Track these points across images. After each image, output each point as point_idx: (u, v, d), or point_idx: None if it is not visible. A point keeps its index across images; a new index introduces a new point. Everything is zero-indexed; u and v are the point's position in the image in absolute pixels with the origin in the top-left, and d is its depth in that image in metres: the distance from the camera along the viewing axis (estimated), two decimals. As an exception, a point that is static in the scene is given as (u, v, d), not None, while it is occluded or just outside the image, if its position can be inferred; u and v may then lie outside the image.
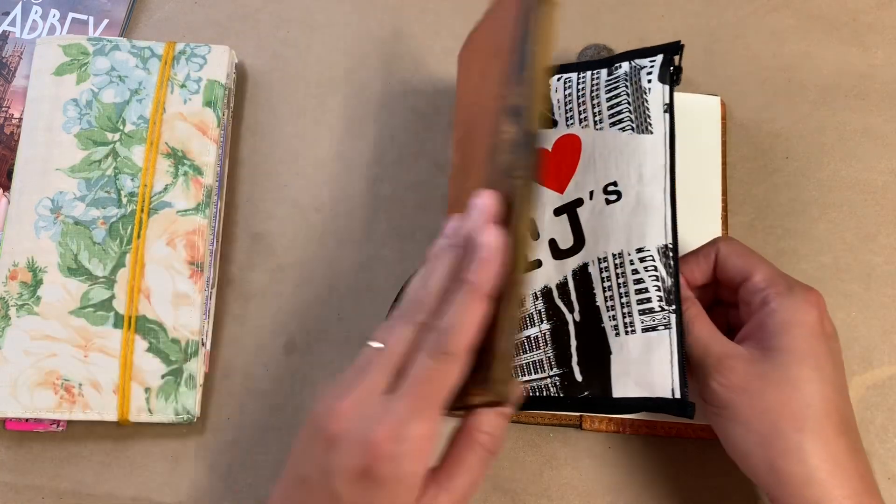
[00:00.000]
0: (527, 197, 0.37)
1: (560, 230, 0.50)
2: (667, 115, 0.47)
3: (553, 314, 0.49)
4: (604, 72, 0.51)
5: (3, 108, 0.58)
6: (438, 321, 0.36)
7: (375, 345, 0.37)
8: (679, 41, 0.49)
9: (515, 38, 0.40)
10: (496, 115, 0.41)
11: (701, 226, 0.52)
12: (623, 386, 0.45)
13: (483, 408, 0.38)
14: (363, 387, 0.35)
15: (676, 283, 0.45)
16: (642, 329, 0.45)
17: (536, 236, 0.51)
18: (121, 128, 0.55)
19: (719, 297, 0.49)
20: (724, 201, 0.54)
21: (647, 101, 0.48)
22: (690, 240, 0.51)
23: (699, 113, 0.54)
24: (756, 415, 0.41)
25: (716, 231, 0.53)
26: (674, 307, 0.44)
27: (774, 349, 0.42)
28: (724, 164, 0.54)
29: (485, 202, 0.37)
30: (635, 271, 0.46)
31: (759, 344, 0.42)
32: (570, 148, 0.52)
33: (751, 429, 0.41)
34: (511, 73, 0.40)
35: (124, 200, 0.53)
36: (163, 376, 0.51)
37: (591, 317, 0.48)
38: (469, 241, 0.36)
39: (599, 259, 0.48)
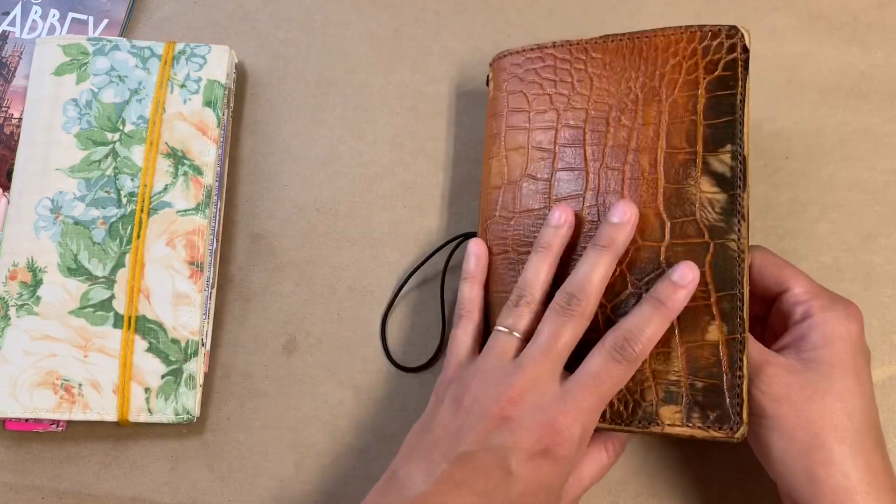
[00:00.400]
0: (742, 264, 0.43)
1: None
2: None
3: None
4: None
5: (3, 108, 0.58)
6: (622, 323, 0.42)
7: (513, 333, 0.44)
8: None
9: (713, 99, 0.46)
10: (679, 166, 0.45)
11: None
12: None
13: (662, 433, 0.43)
14: (529, 375, 0.42)
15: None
16: None
17: None
18: (120, 128, 0.55)
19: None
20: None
21: None
22: None
23: None
24: (799, 424, 0.41)
25: None
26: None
27: (818, 361, 0.42)
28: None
29: (689, 274, 0.42)
30: None
31: (801, 355, 0.43)
32: None
33: (793, 438, 0.41)
34: (711, 136, 0.45)
35: (124, 200, 0.53)
36: (163, 376, 0.51)
37: None
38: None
39: None
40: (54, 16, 0.61)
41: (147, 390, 0.50)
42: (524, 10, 0.62)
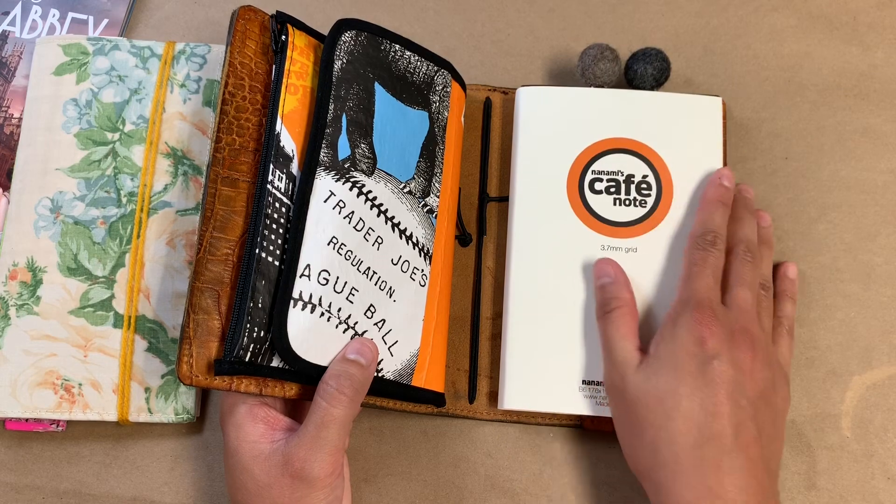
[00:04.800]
0: None
1: None
2: None
3: None
4: None
5: (3, 108, 0.58)
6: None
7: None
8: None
9: None
10: None
11: None
12: None
13: None
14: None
15: None
16: None
17: None
18: (120, 127, 0.55)
19: None
20: None
21: None
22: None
23: (700, 114, 0.54)
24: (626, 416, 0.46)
25: None
26: None
27: (654, 356, 0.45)
28: (724, 165, 0.54)
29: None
30: None
31: (649, 349, 0.46)
32: None
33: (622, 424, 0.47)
34: None
35: (124, 200, 0.53)
36: (162, 376, 0.51)
37: None
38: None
39: None
40: (54, 15, 0.61)
41: (147, 390, 0.51)
42: (524, 9, 0.62)
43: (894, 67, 0.59)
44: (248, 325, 0.42)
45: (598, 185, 0.53)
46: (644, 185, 0.53)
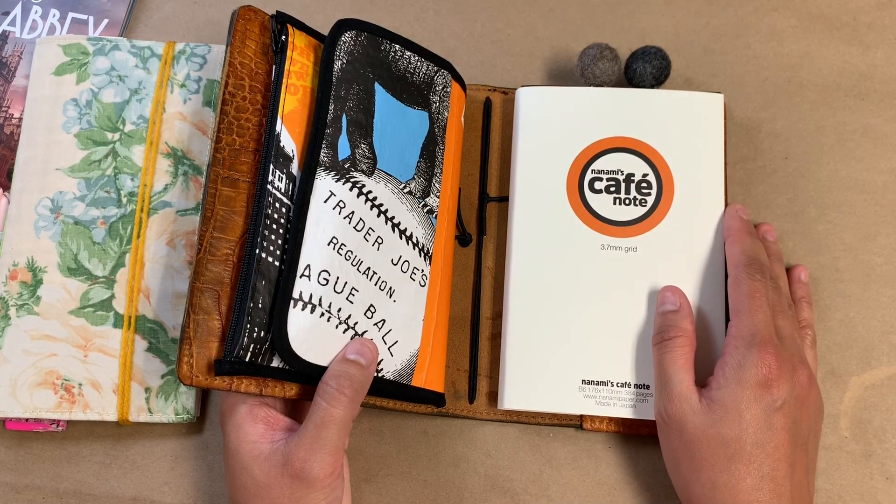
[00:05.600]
0: None
1: None
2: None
3: None
4: None
5: (3, 108, 0.58)
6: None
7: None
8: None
9: None
10: None
11: (703, 229, 0.52)
12: None
13: None
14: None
15: None
16: None
17: None
18: (120, 127, 0.55)
19: None
20: (725, 203, 0.53)
21: None
22: (695, 243, 0.51)
23: (701, 111, 0.54)
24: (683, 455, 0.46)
25: (720, 239, 0.52)
26: None
27: (717, 402, 0.44)
28: (724, 164, 0.54)
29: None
30: None
31: (710, 393, 0.45)
32: None
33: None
34: None
35: (124, 200, 0.53)
36: (163, 376, 0.51)
37: None
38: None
39: None
40: (54, 16, 0.61)
41: (147, 390, 0.51)
42: (524, 9, 0.62)
43: (894, 67, 0.59)
44: (249, 326, 0.42)
45: (597, 185, 0.53)
46: (644, 184, 0.53)
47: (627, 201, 0.53)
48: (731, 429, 0.43)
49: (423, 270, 0.50)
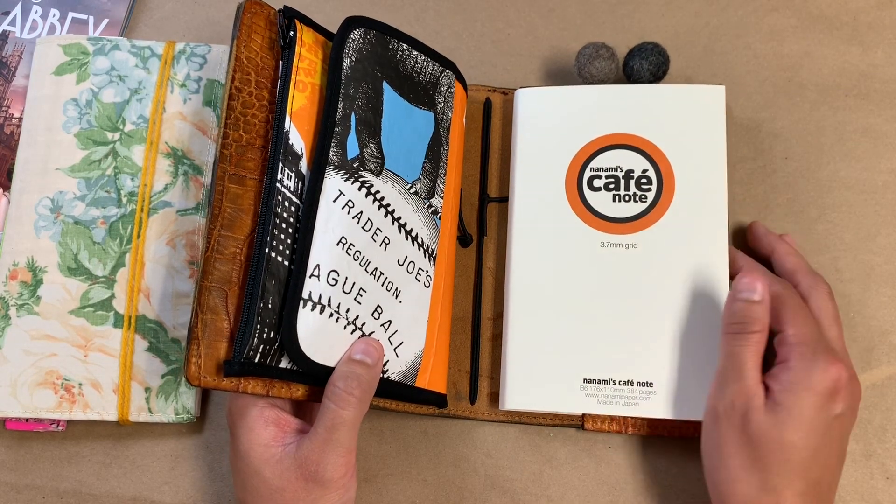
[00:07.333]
0: None
1: None
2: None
3: None
4: None
5: (3, 108, 0.58)
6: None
7: None
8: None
9: None
10: None
11: (706, 223, 0.51)
12: None
13: None
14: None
15: None
16: None
17: None
18: (121, 127, 0.55)
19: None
20: (727, 197, 0.53)
21: None
22: (698, 238, 0.51)
23: (701, 104, 0.53)
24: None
25: (723, 233, 0.51)
26: None
27: (781, 405, 0.44)
28: (726, 155, 0.54)
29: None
30: None
31: (774, 395, 0.44)
32: None
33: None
34: None
35: (124, 200, 0.53)
36: (163, 376, 0.51)
37: None
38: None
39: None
40: (54, 15, 0.61)
41: (147, 390, 0.51)
42: (524, 9, 0.62)
43: (894, 67, 0.59)
44: (259, 326, 0.42)
45: (596, 182, 0.53)
46: (644, 180, 0.52)
47: (627, 198, 0.52)
48: (793, 433, 0.43)
49: (427, 271, 0.50)
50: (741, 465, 0.44)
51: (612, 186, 0.53)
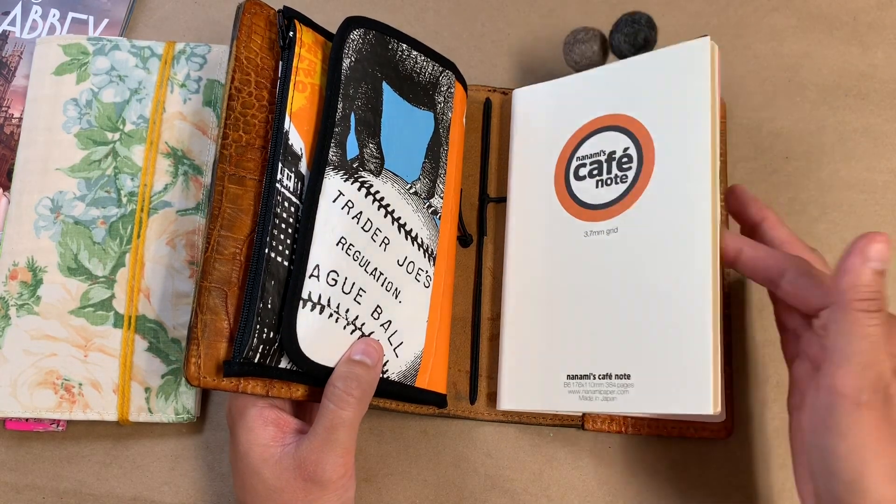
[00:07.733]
0: None
1: None
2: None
3: None
4: None
5: (3, 108, 0.58)
6: None
7: None
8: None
9: None
10: None
11: (689, 197, 0.46)
12: None
13: None
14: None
15: None
16: None
17: None
18: (120, 127, 0.55)
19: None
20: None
21: None
22: (679, 215, 0.46)
23: (684, 64, 0.47)
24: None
25: (705, 206, 0.45)
26: None
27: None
28: (724, 161, 0.54)
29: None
30: None
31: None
32: None
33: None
34: None
35: (124, 200, 0.53)
36: (163, 376, 0.51)
37: None
38: None
39: None
40: (54, 15, 0.61)
41: (147, 390, 0.50)
42: (524, 9, 0.62)
43: (894, 67, 0.59)
44: (258, 326, 0.42)
45: (581, 171, 0.51)
46: (625, 159, 0.49)
47: (609, 181, 0.49)
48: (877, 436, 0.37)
49: (427, 271, 0.50)
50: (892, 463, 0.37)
51: (595, 173, 0.50)
